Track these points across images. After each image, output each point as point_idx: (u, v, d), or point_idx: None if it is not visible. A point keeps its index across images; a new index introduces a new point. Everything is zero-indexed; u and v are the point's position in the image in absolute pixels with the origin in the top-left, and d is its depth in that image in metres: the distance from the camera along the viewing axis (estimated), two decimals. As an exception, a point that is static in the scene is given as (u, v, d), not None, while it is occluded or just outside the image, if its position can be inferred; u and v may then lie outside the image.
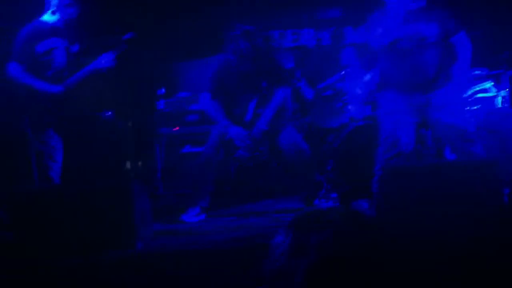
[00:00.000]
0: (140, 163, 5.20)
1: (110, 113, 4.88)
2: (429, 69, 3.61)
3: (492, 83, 5.03)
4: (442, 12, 3.63)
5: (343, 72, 5.14)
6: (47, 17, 3.91)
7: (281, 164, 4.38)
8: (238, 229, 3.74)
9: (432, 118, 3.66)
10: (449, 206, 3.08)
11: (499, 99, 4.93)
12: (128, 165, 5.00)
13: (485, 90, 5.02)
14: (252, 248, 2.98)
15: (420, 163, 3.92)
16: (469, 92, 4.97)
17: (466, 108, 4.45)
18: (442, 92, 3.62)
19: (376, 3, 3.77)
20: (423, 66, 3.60)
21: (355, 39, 6.95)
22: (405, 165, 3.53)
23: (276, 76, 4.26)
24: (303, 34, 6.96)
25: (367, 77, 5.23)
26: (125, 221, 3.20)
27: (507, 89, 4.93)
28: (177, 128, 5.06)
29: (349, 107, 4.94)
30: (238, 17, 5.65)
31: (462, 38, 3.66)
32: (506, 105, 4.90)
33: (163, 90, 5.28)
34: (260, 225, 3.83)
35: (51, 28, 3.91)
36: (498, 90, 4.99)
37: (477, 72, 5.12)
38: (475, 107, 4.91)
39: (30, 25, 3.94)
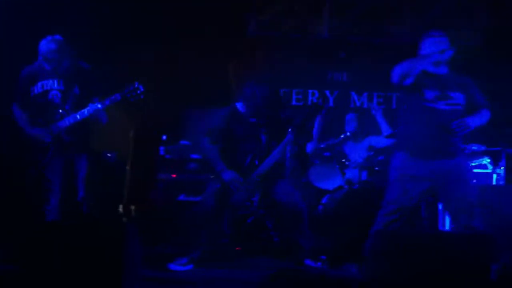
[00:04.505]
0: (134, 207, 5.22)
1: (111, 154, 4.94)
2: (449, 137, 3.65)
3: (489, 160, 5.10)
4: (469, 85, 3.73)
5: (343, 136, 5.23)
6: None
7: (273, 219, 4.40)
8: (224, 282, 3.73)
9: (441, 188, 3.65)
10: (438, 276, 3.10)
11: (494, 176, 4.99)
12: (122, 207, 5.02)
13: (482, 166, 5.09)
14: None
15: (414, 231, 3.95)
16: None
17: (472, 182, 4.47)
18: (454, 163, 3.64)
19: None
20: (445, 133, 3.62)
21: (359, 105, 7.12)
22: (398, 232, 3.55)
23: (277, 131, 4.34)
24: (309, 94, 7.11)
25: (366, 142, 5.32)
26: (114, 264, 3.19)
27: (503, 167, 5.00)
28: (175, 175, 5.10)
29: (347, 170, 5.01)
30: (249, 72, 5.82)
31: (485, 113, 3.73)
32: (501, 182, 4.96)
33: (165, 136, 5.35)
34: (247, 280, 3.82)
35: (46, 71, 4.05)
36: (494, 167, 5.06)
37: (474, 147, 5.20)
38: (472, 182, 4.96)
39: (28, 67, 4.13)
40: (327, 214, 4.72)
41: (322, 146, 5.23)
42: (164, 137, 5.38)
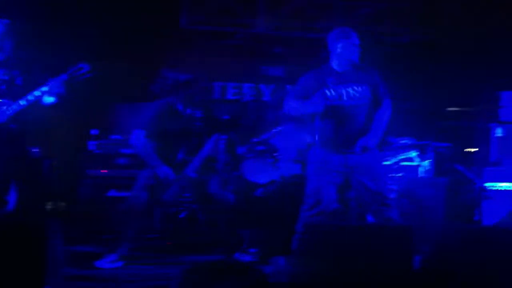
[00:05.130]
0: (62, 203, 5.06)
1: (36, 149, 4.76)
2: (359, 132, 3.74)
3: (417, 153, 5.24)
4: (374, 76, 3.82)
5: (277, 129, 5.25)
6: None
7: (206, 214, 4.38)
8: (152, 279, 3.68)
9: (355, 181, 3.77)
10: (363, 268, 3.16)
11: (422, 169, 5.14)
12: (48, 204, 4.86)
13: (409, 159, 5.23)
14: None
15: (339, 224, 4.01)
16: (394, 160, 5.15)
17: (387, 175, 4.60)
18: (367, 156, 3.75)
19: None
20: (353, 127, 3.74)
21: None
22: (324, 224, 3.60)
23: (211, 126, 4.31)
24: (244, 88, 7.11)
25: (300, 135, 5.36)
26: (35, 263, 3.08)
27: (431, 160, 5.15)
28: (105, 171, 4.98)
29: (280, 164, 5.03)
30: (181, 66, 5.74)
31: (387, 103, 3.84)
32: (428, 175, 5.11)
33: (97, 131, 5.21)
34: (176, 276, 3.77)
35: None
36: (422, 160, 5.20)
37: (404, 141, 5.33)
38: (399, 175, 5.08)
39: None
40: (260, 207, 4.73)
41: (255, 140, 5.23)
42: (96, 131, 5.24)
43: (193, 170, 4.14)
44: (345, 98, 3.73)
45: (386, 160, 5.02)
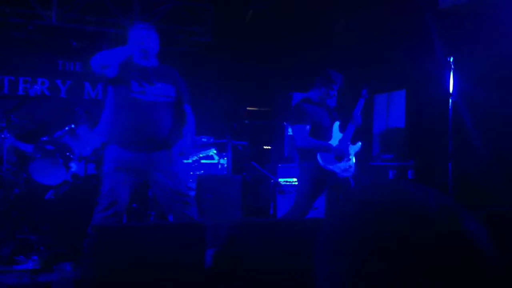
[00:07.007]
0: None
1: None
2: (159, 129, 3.61)
3: (215, 151, 5.31)
4: (177, 77, 3.74)
5: (68, 128, 4.91)
6: None
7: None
8: None
9: (153, 179, 3.64)
10: (156, 268, 3.06)
11: (220, 166, 5.22)
12: None
13: (208, 157, 5.28)
14: None
15: (129, 224, 3.87)
16: (195, 158, 5.16)
17: (187, 172, 4.57)
18: (165, 154, 3.65)
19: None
20: (154, 124, 3.59)
21: (93, 96, 6.86)
22: (113, 225, 3.42)
23: None
24: (38, 83, 6.58)
25: (96, 134, 5.10)
26: None
27: (227, 158, 5.25)
28: None
29: (72, 164, 4.71)
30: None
31: (189, 109, 3.80)
32: (225, 172, 5.21)
33: None
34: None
35: None
36: (220, 157, 5.29)
37: (204, 139, 5.37)
38: (199, 172, 5.10)
39: None
40: (50, 210, 4.36)
41: (44, 139, 4.83)
42: None
43: None
44: (147, 93, 3.58)
45: (186, 158, 5.00)
